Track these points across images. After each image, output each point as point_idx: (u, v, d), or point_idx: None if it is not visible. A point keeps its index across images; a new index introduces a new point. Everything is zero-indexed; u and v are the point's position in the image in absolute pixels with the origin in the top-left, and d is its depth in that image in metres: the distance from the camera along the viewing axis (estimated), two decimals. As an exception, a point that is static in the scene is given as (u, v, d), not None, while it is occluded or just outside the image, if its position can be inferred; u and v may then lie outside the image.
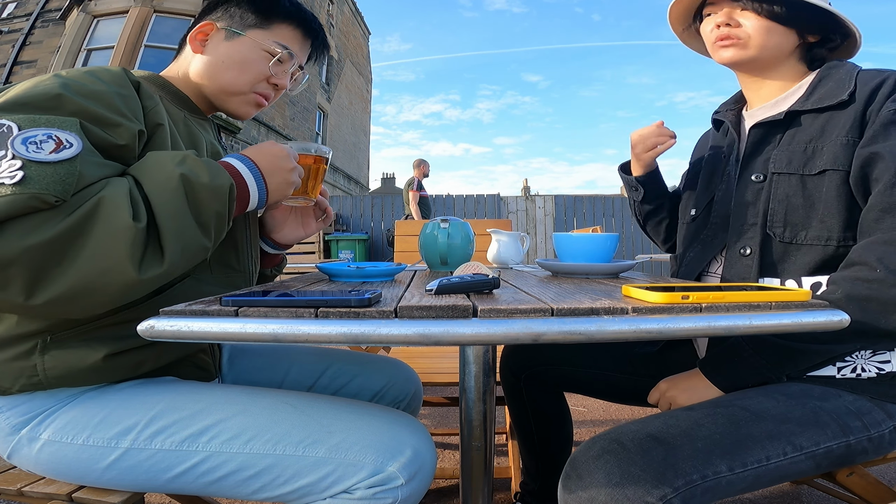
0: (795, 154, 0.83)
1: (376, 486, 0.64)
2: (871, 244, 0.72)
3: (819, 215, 0.79)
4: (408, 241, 2.19)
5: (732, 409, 0.71)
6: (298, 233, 0.94)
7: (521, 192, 30.34)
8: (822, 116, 0.82)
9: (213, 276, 0.80)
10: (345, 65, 16.17)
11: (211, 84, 0.85)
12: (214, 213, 0.65)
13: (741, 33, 0.86)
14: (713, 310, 0.49)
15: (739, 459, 0.65)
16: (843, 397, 0.74)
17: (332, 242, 7.57)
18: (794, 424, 0.69)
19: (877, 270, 0.70)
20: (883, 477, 1.51)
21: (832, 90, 0.82)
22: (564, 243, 0.91)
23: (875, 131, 0.76)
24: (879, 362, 0.77)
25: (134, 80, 0.74)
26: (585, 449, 0.67)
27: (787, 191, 0.82)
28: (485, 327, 0.45)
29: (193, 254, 0.64)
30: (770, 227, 0.83)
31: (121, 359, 0.70)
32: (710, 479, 0.63)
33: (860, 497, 0.82)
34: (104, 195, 0.57)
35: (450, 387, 1.30)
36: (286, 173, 0.76)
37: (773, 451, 0.67)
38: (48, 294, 0.54)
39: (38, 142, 0.56)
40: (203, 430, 0.68)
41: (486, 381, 0.75)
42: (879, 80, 0.78)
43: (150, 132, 0.71)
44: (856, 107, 0.78)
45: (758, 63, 0.88)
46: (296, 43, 0.89)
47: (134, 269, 0.56)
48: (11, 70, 9.81)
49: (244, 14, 0.85)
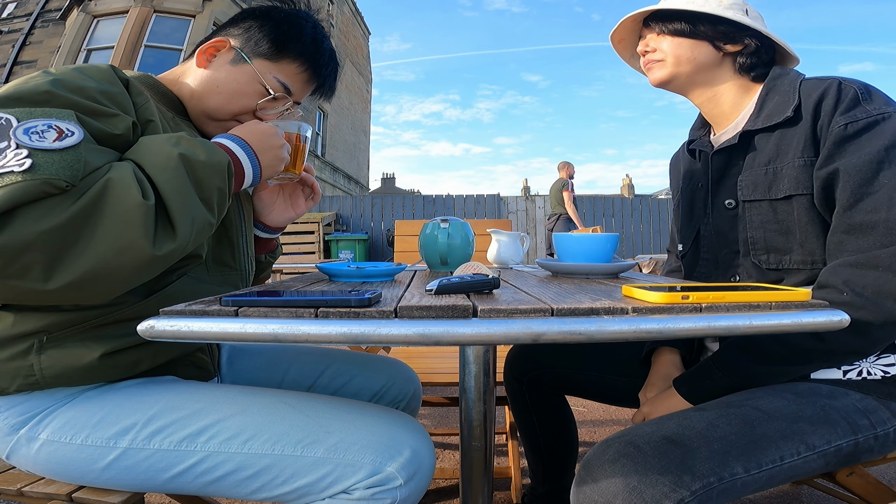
0: (759, 178, 0.83)
1: (375, 487, 0.64)
2: (837, 267, 0.73)
3: (798, 240, 0.79)
4: (408, 241, 2.19)
5: (745, 410, 0.70)
6: (288, 213, 0.94)
7: (521, 192, 30.29)
8: (775, 134, 0.82)
9: (209, 274, 0.80)
10: (345, 65, 16.17)
11: (196, 103, 0.84)
12: (216, 188, 0.67)
13: (657, 55, 0.91)
14: (713, 310, 0.49)
15: (755, 460, 0.65)
16: (850, 395, 0.75)
17: (332, 242, 7.57)
18: (805, 423, 0.69)
19: (843, 294, 0.70)
20: (883, 477, 1.51)
21: (778, 105, 0.81)
22: (564, 243, 0.91)
23: (829, 150, 0.75)
24: (885, 365, 0.77)
25: (123, 77, 0.74)
26: (600, 452, 0.66)
27: (761, 217, 0.83)
28: (485, 327, 0.45)
29: (201, 229, 0.65)
30: (754, 255, 0.84)
31: (117, 357, 0.70)
32: (726, 481, 0.63)
33: (860, 497, 0.82)
34: (111, 176, 0.58)
35: (450, 387, 1.30)
36: (276, 150, 0.78)
37: (787, 450, 0.67)
38: (67, 277, 0.55)
39: (39, 131, 0.56)
40: (201, 429, 0.68)
41: (486, 381, 0.75)
42: (821, 91, 0.77)
43: (143, 127, 0.71)
44: (804, 124, 0.77)
45: (684, 79, 0.90)
46: (298, 82, 0.87)
47: (149, 245, 0.57)
48: (11, 70, 9.81)
49: (261, 40, 0.83)
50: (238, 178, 0.74)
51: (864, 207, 0.71)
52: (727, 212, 0.88)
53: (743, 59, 0.87)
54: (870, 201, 0.71)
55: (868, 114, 0.73)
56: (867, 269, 0.70)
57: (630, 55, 1.03)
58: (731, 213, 0.87)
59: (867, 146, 0.72)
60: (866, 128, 0.72)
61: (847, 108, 0.74)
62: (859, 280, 0.70)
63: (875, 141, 0.72)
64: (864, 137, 0.72)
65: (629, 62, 1.04)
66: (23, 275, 0.53)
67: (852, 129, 0.73)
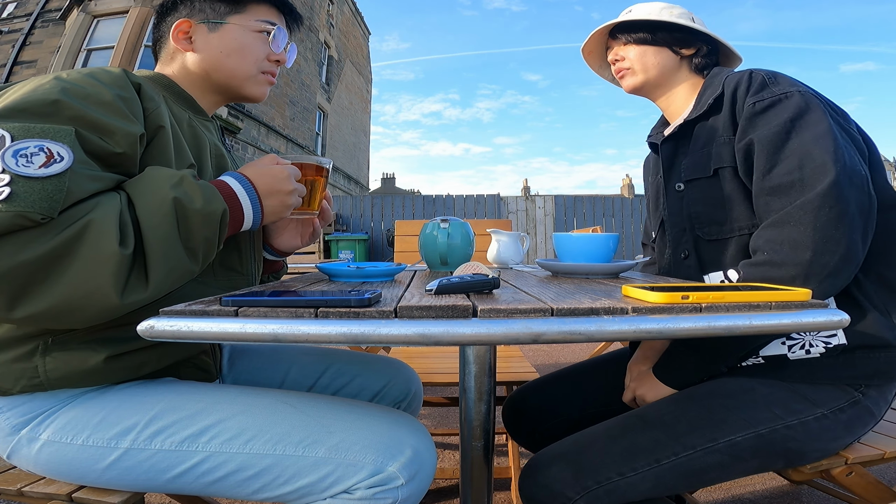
0: (697, 160, 0.93)
1: (376, 487, 0.64)
2: (763, 230, 0.79)
3: (729, 209, 0.88)
4: (408, 241, 2.19)
5: (630, 419, 0.81)
6: (296, 241, 0.94)
7: (521, 192, 30.28)
8: (709, 122, 0.92)
9: (215, 279, 0.80)
10: (345, 65, 16.17)
11: (219, 74, 0.85)
12: (204, 238, 0.65)
13: (626, 64, 1.02)
14: (713, 310, 0.49)
15: (628, 465, 0.75)
16: (755, 391, 0.80)
17: (332, 242, 7.57)
18: (684, 425, 0.77)
19: (765, 254, 0.77)
20: (883, 477, 1.51)
21: (709, 97, 0.92)
22: (564, 243, 0.91)
23: (743, 126, 0.85)
24: (826, 336, 0.80)
25: (135, 81, 0.73)
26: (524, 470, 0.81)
27: (700, 194, 0.92)
28: (485, 327, 0.45)
29: (179, 277, 0.64)
30: (698, 228, 0.92)
31: (122, 360, 0.70)
32: (605, 484, 0.74)
33: (860, 497, 0.82)
34: (93, 218, 0.57)
35: (450, 387, 1.31)
36: (284, 196, 0.75)
37: (661, 453, 0.75)
38: (29, 310, 0.55)
39: (28, 154, 0.56)
40: (203, 430, 0.68)
41: (486, 381, 0.75)
42: (736, 80, 0.88)
43: (151, 135, 0.70)
44: (726, 109, 0.88)
45: (651, 83, 1.01)
46: (274, 17, 0.89)
47: (116, 294, 0.57)
48: (11, 70, 9.81)
49: (213, 4, 0.84)
50: (236, 222, 0.71)
51: (779, 171, 0.79)
52: (677, 194, 0.97)
53: (698, 60, 1.00)
54: (783, 166, 0.78)
55: (773, 94, 0.83)
56: (782, 226, 0.76)
57: (598, 65, 1.15)
58: (679, 195, 0.97)
59: (774, 119, 0.81)
60: (771, 105, 0.83)
61: (756, 91, 0.85)
62: (776, 237, 0.76)
63: (781, 114, 0.81)
64: (770, 112, 0.82)
65: (598, 72, 1.16)
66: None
67: (759, 106, 0.83)
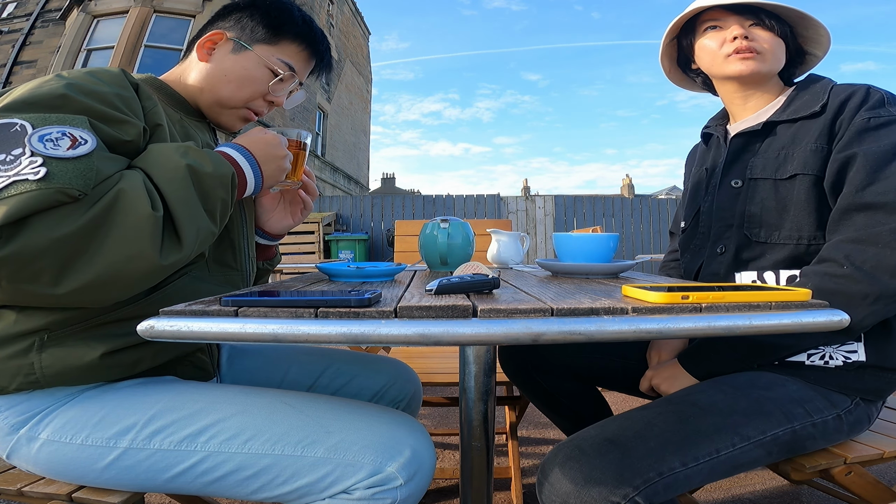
0: (769, 160, 0.90)
1: (375, 487, 0.64)
2: (840, 242, 0.78)
3: (791, 216, 0.86)
4: (408, 241, 2.19)
5: (682, 406, 0.76)
6: (287, 221, 0.95)
7: (521, 192, 30.29)
8: (795, 126, 0.89)
9: (210, 274, 0.81)
10: (345, 65, 16.17)
11: (207, 95, 0.86)
12: (220, 199, 0.69)
13: (759, 47, 0.90)
14: (713, 310, 0.49)
15: (691, 454, 0.70)
16: (787, 386, 0.79)
17: (332, 242, 7.57)
18: (739, 415, 0.74)
19: (843, 267, 0.75)
20: (883, 477, 1.51)
21: (807, 102, 0.88)
22: (564, 243, 0.91)
23: (850, 137, 0.81)
24: (847, 352, 0.81)
25: (133, 81, 0.75)
26: (552, 456, 0.72)
27: (762, 194, 0.89)
28: (485, 327, 0.45)
29: (205, 238, 0.68)
30: (748, 227, 0.90)
31: (118, 357, 0.70)
32: (666, 476, 0.67)
33: (860, 497, 0.82)
34: (123, 187, 0.59)
35: (450, 387, 1.30)
36: (279, 160, 0.80)
37: (721, 443, 0.71)
38: (76, 282, 0.56)
39: (54, 139, 0.58)
40: (202, 429, 0.68)
41: (486, 381, 0.75)
42: (849, 93, 0.85)
43: (151, 131, 0.73)
44: (826, 117, 0.85)
45: (765, 76, 0.94)
46: (300, 61, 0.90)
47: (156, 254, 0.60)
48: (11, 70, 9.81)
49: (255, 27, 0.86)
50: (241, 188, 0.75)
51: (874, 189, 0.77)
52: (731, 190, 0.94)
53: (792, 68, 0.97)
54: (880, 185, 0.77)
55: (891, 114, 0.81)
56: (868, 244, 0.75)
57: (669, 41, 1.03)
58: (735, 192, 0.94)
59: (885, 138, 0.79)
60: (885, 124, 0.80)
61: (873, 107, 0.82)
62: (859, 255, 0.75)
63: (892, 135, 0.79)
64: (882, 131, 0.80)
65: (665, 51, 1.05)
66: (34, 280, 0.55)
67: (874, 122, 0.81)
